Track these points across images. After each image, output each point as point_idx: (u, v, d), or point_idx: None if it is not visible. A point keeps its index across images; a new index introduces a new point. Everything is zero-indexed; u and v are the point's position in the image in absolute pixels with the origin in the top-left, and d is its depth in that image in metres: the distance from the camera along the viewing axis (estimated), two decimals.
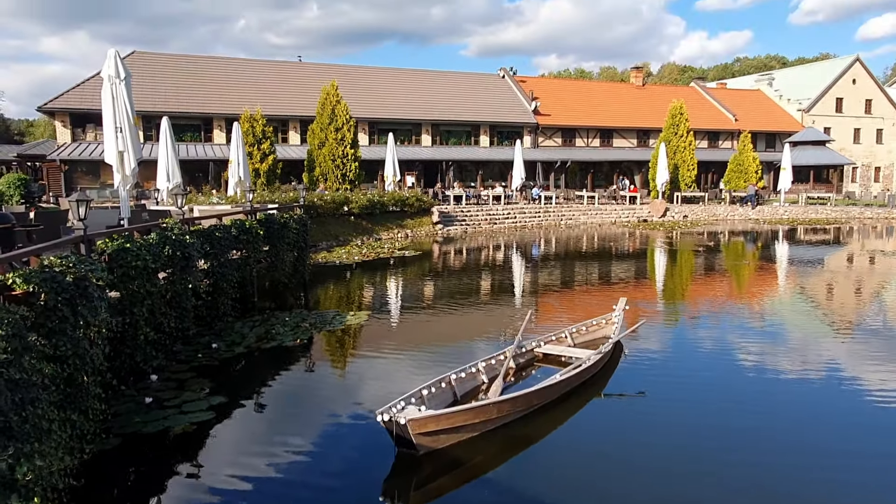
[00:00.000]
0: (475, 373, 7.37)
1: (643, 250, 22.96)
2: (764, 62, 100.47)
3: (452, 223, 28.97)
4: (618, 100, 46.04)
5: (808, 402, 7.45)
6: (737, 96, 51.35)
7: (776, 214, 36.33)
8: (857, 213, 37.56)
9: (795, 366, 8.70)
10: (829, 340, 10.25)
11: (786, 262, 20.21)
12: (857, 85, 51.33)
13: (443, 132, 38.85)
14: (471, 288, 15.30)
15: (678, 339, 10.35)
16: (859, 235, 28.83)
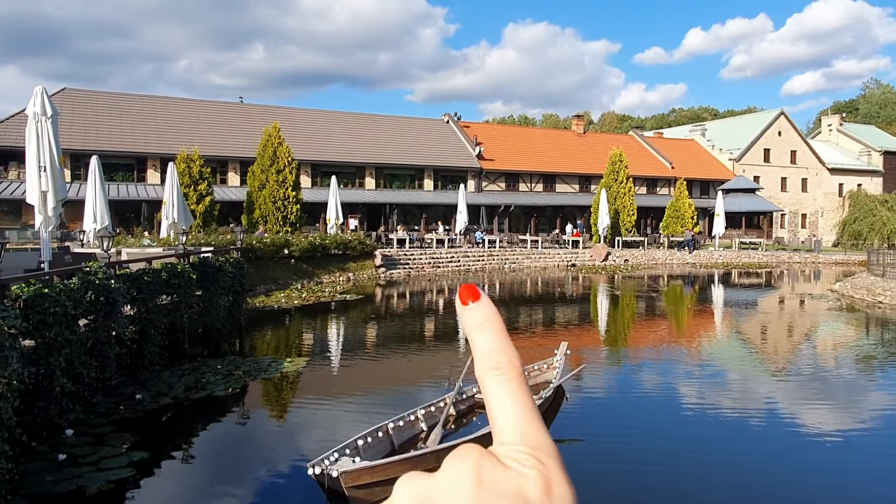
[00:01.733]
0: (414, 421, 7.30)
1: (586, 294, 23.50)
2: (697, 113, 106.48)
3: (395, 267, 28.95)
4: (560, 146, 47.67)
5: (748, 445, 7.68)
6: (673, 145, 54.05)
7: (711, 259, 37.96)
8: (787, 258, 39.67)
9: (734, 408, 9.00)
10: (765, 382, 10.67)
11: (722, 305, 21.06)
12: (783, 137, 54.95)
13: (387, 175, 39.15)
14: (413, 332, 15.23)
15: (620, 382, 10.57)
16: (789, 279, 30.40)
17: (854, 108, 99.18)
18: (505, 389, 0.48)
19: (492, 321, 0.51)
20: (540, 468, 0.44)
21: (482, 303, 0.52)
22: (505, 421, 0.47)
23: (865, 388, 10.56)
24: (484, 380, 0.49)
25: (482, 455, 0.44)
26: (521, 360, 0.50)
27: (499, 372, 0.49)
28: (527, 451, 0.45)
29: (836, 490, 6.37)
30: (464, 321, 0.52)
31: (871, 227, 46.65)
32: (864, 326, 17.15)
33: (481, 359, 0.50)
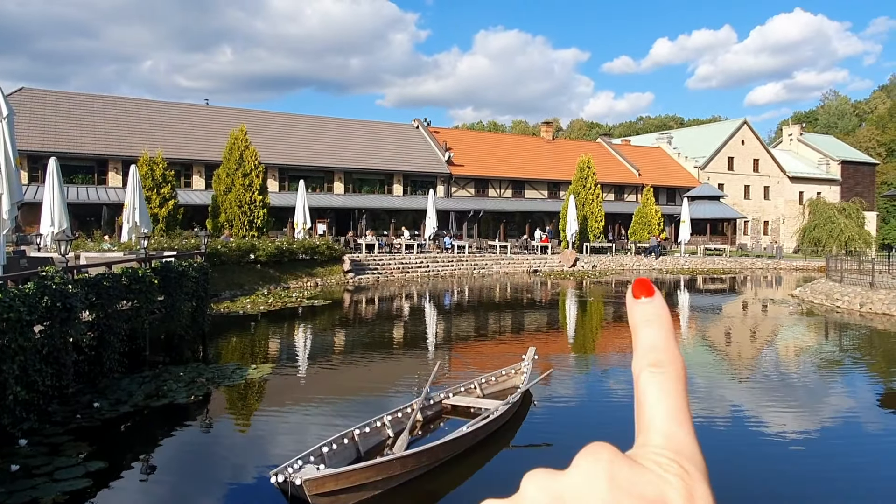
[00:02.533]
0: (380, 427, 7.26)
1: (554, 300, 23.71)
2: (664, 122, 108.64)
3: (364, 272, 28.81)
4: (529, 152, 48.10)
5: (715, 447, 7.83)
6: (640, 153, 55.00)
7: (677, 264, 38.69)
8: (750, 264, 40.66)
9: (701, 411, 9.16)
10: (729, 386, 10.90)
11: (688, 309, 21.46)
12: (746, 145, 56.39)
13: (356, 180, 38.99)
14: (381, 338, 15.17)
15: (587, 387, 10.68)
16: (752, 284, 31.16)
17: (814, 118, 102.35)
18: (661, 388, 0.46)
19: (661, 318, 0.49)
20: (683, 476, 0.41)
21: (655, 299, 0.50)
22: (652, 421, 0.45)
23: (825, 390, 10.87)
24: (640, 375, 0.47)
25: (615, 454, 0.42)
26: (684, 364, 0.47)
27: (659, 370, 0.46)
28: (670, 456, 0.43)
29: (795, 489, 6.54)
30: (632, 315, 0.50)
31: (830, 234, 48.11)
32: (824, 330, 17.67)
33: (642, 354, 0.47)
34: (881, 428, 8.79)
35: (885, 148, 79.76)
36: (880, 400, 10.30)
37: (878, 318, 18.57)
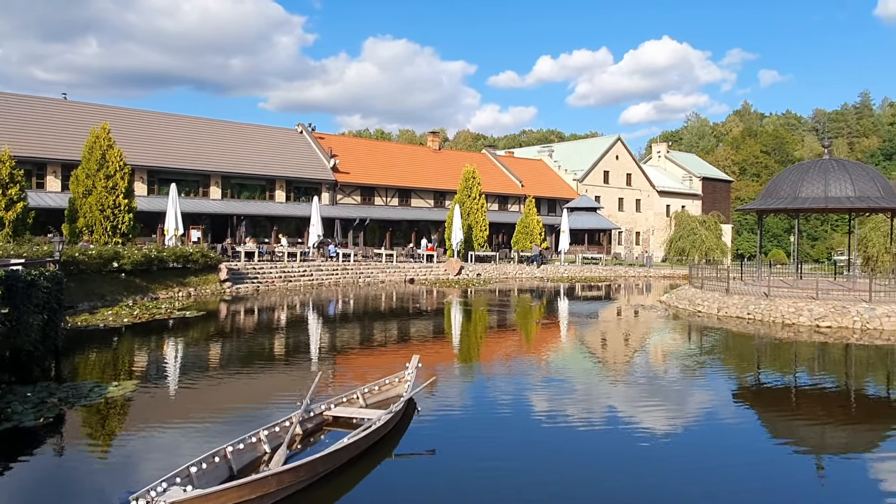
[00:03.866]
0: (256, 443, 6.95)
1: (440, 308, 23.98)
2: (545, 135, 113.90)
3: (243, 281, 27.64)
4: (415, 161, 48.53)
5: (594, 446, 8.21)
6: (523, 164, 57.21)
7: (558, 273, 40.53)
8: (623, 272, 43.42)
9: (581, 414, 9.56)
10: (605, 388, 11.50)
11: (567, 316, 22.50)
12: (620, 161, 60.34)
13: (234, 185, 37.41)
14: (260, 350, 14.59)
15: (472, 394, 10.85)
16: (625, 291, 33.27)
17: (679, 137, 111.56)
18: None
19: None
20: None
21: None
22: None
23: (689, 388, 11.78)
24: None
25: None
26: None
27: None
28: None
29: (670, 486, 7.00)
30: None
31: (693, 245, 52.47)
32: (687, 334, 19.19)
33: None
34: (736, 420, 9.64)
35: (738, 167, 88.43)
36: (735, 395, 11.32)
37: (732, 321, 20.46)
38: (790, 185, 24.22)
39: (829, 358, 15.44)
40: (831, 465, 7.77)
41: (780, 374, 13.42)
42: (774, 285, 22.91)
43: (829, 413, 10.15)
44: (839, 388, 12.24)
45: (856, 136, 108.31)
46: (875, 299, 20.03)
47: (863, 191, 22.83)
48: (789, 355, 15.63)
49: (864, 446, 8.62)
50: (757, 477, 7.18)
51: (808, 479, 7.29)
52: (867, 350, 16.15)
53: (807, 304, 20.04)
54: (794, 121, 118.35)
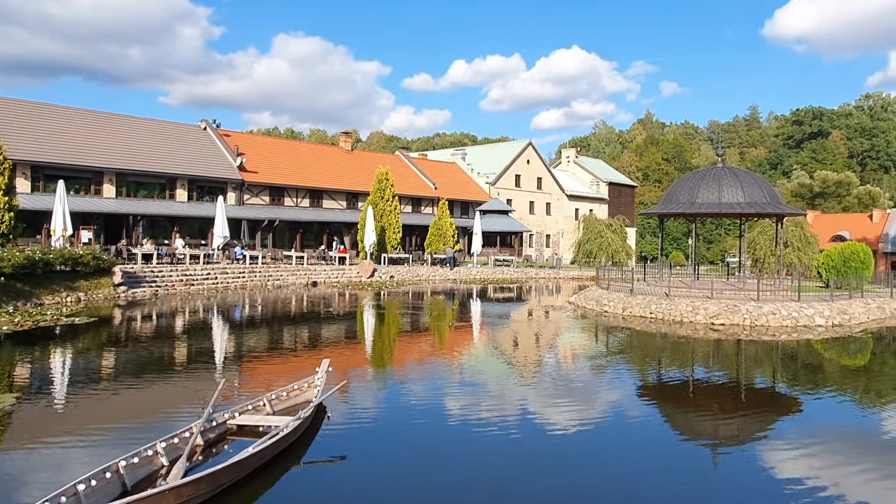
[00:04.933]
0: (152, 455, 6.56)
1: (352, 311, 23.69)
2: (459, 139, 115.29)
3: (140, 285, 26.16)
4: (327, 162, 47.76)
5: (508, 453, 8.31)
6: (436, 167, 57.60)
7: (471, 275, 41.06)
8: (534, 274, 44.59)
9: (494, 415, 9.68)
10: (517, 388, 11.72)
11: (480, 318, 22.81)
12: (531, 165, 61.97)
13: (131, 183, 35.37)
14: (159, 358, 13.83)
15: (384, 398, 10.75)
16: (536, 293, 34.16)
17: (587, 143, 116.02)
18: None
19: None
20: None
21: None
22: None
23: (596, 386, 12.22)
24: None
25: None
26: None
27: None
28: None
29: (580, 487, 7.20)
30: None
31: (600, 247, 54.65)
32: (594, 333, 19.94)
33: None
34: (640, 416, 10.10)
35: (641, 172, 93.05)
36: (639, 392, 11.86)
37: (636, 320, 21.46)
38: (688, 191, 25.71)
39: (723, 353, 16.49)
40: (725, 455, 8.29)
41: (680, 371, 14.19)
42: (674, 286, 24.25)
43: (722, 406, 10.82)
44: (731, 381, 13.09)
45: (746, 146, 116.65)
46: (762, 298, 21.62)
47: (752, 197, 24.59)
48: (688, 352, 16.56)
49: (753, 435, 9.24)
50: (659, 470, 7.55)
51: (705, 470, 7.73)
52: (755, 345, 17.38)
53: (703, 304, 21.33)
54: (692, 130, 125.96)
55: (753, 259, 45.97)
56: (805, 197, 79.04)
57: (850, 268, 26.58)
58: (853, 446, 8.63)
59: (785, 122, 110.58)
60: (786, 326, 19.80)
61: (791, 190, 79.68)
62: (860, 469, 7.68)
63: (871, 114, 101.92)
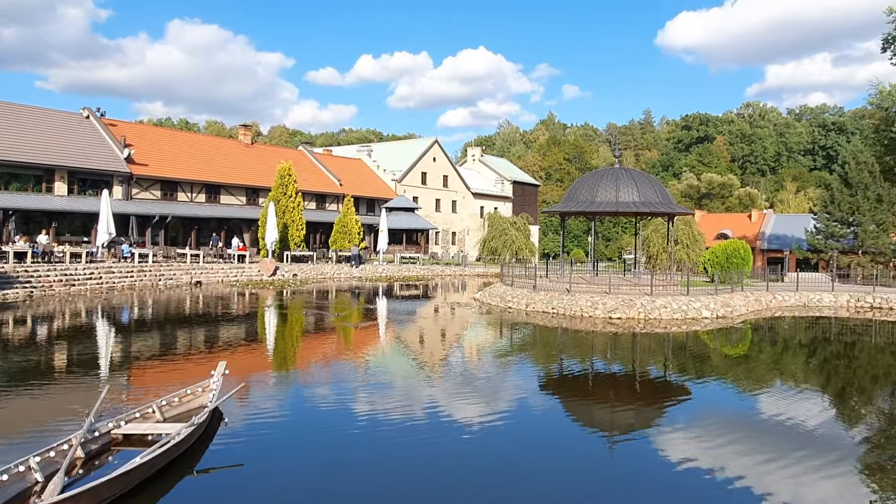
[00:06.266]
0: (24, 471, 6.03)
1: (252, 311, 22.90)
2: (365, 135, 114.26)
3: (12, 285, 24.03)
4: (225, 156, 45.89)
5: (415, 453, 8.27)
6: (341, 163, 56.76)
7: (376, 273, 40.82)
8: (440, 271, 44.95)
9: (400, 416, 9.61)
10: (424, 386, 11.73)
11: (386, 316, 22.69)
12: (437, 163, 62.37)
13: (2, 175, 32.42)
14: (33, 366, 12.74)
15: (285, 401, 10.44)
16: (442, 290, 34.44)
17: (492, 142, 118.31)
18: None
19: None
20: None
21: None
22: None
23: (501, 380, 12.46)
24: None
25: None
26: None
27: None
28: None
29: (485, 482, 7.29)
30: None
31: (504, 245, 55.87)
32: (499, 329, 20.35)
33: None
34: (544, 407, 10.40)
35: (544, 172, 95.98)
36: (541, 385, 12.21)
37: (539, 315, 22.11)
38: (588, 191, 26.79)
39: (620, 346, 17.30)
40: (622, 442, 8.69)
41: (580, 363, 14.75)
42: (575, 282, 25.20)
43: (619, 396, 11.34)
44: (627, 373, 13.76)
45: (641, 148, 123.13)
46: (655, 293, 22.90)
47: (646, 197, 25.97)
48: (587, 346, 17.25)
49: (647, 423, 9.75)
50: (562, 461, 7.80)
51: (602, 458, 8.07)
52: (649, 337, 18.37)
53: (601, 299, 22.29)
54: (592, 132, 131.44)
55: (647, 256, 48.57)
56: (693, 197, 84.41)
57: (733, 264, 28.66)
58: (736, 428, 9.29)
59: (675, 126, 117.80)
60: (676, 319, 21.05)
61: (681, 191, 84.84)
62: (743, 448, 8.27)
63: (751, 121, 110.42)
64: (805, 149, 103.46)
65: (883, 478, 7.59)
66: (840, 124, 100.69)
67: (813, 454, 8.13)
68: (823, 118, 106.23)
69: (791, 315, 24.49)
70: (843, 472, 7.59)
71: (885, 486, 7.30)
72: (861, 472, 7.69)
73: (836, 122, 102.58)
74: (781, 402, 11.09)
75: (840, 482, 7.29)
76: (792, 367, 15.30)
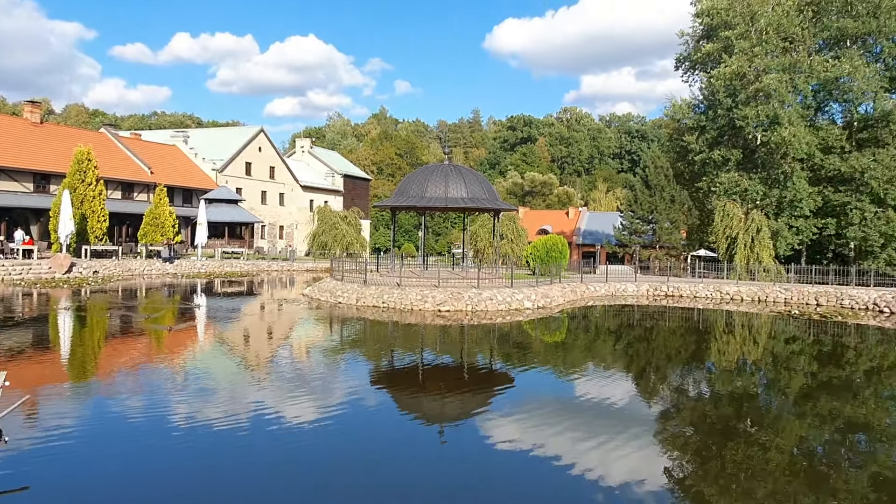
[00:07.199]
0: None
1: (42, 314, 20.34)
2: (181, 120, 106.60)
3: None
4: (7, 135, 40.26)
5: (237, 458, 7.80)
6: (153, 149, 52.38)
7: (195, 268, 38.26)
8: (266, 267, 43.30)
9: (221, 424, 8.97)
10: (251, 387, 11.14)
11: (206, 315, 21.32)
12: (263, 153, 59.94)
13: None
14: None
15: (80, 415, 9.37)
16: (269, 286, 33.17)
17: (322, 134, 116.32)
18: None
19: None
20: None
21: None
22: None
23: (333, 377, 12.25)
24: None
25: None
26: None
27: None
28: None
29: (318, 482, 7.08)
30: None
31: (335, 239, 55.18)
32: (329, 324, 20.04)
33: None
34: (376, 401, 10.39)
35: (376, 166, 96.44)
36: (372, 380, 12.21)
37: (370, 310, 22.13)
38: (418, 186, 27.31)
39: (449, 338, 17.87)
40: (451, 431, 8.96)
41: (411, 357, 14.99)
42: (405, 276, 25.60)
43: (448, 387, 11.69)
44: (456, 363, 14.24)
45: (469, 146, 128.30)
46: (482, 285, 23.99)
47: (474, 193, 27.07)
48: (417, 339, 17.59)
49: (474, 410, 10.15)
50: (395, 452, 7.84)
51: (431, 447, 8.25)
52: (476, 329, 19.19)
53: (431, 292, 22.86)
54: (423, 128, 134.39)
55: (475, 250, 50.71)
56: (518, 194, 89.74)
57: (552, 257, 30.86)
58: (554, 410, 10.00)
59: (502, 126, 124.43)
60: (501, 310, 22.21)
61: (506, 188, 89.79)
62: (560, 429, 8.92)
63: (569, 125, 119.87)
64: (614, 153, 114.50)
65: (677, 446, 8.60)
66: (643, 132, 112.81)
67: (620, 430, 8.98)
68: (629, 126, 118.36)
69: (602, 304, 26.95)
70: (645, 444, 8.48)
71: (681, 454, 8.28)
72: (660, 442, 8.65)
73: (639, 129, 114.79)
74: (593, 384, 12.15)
75: (643, 453, 8.14)
76: (602, 351, 16.83)
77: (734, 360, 15.98)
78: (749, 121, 37.59)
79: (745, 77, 37.64)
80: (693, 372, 14.38)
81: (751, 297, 29.02)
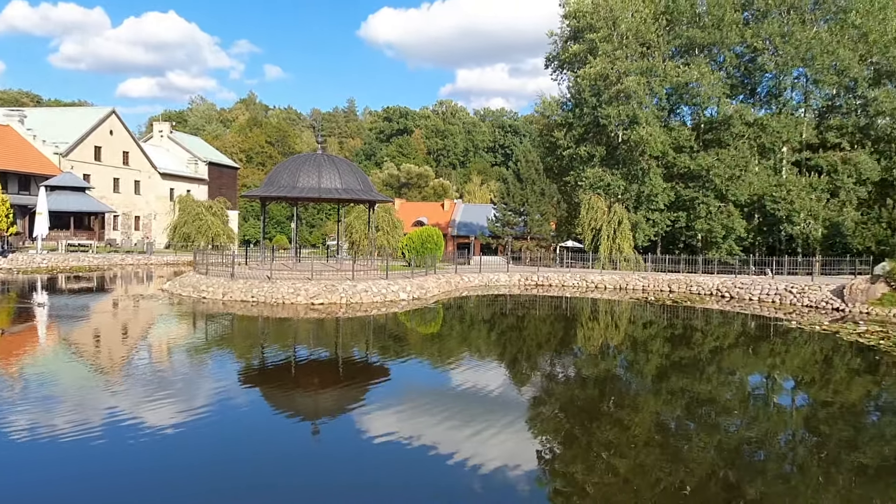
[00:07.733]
0: None
1: None
2: (16, 97, 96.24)
3: None
4: None
5: (92, 457, 7.17)
6: None
7: (33, 263, 34.80)
8: (120, 260, 40.23)
9: (74, 429, 8.18)
10: (103, 394, 10.27)
11: (48, 315, 19.42)
12: (115, 136, 55.52)
13: None
14: None
15: None
16: (122, 281, 30.85)
17: (184, 119, 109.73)
18: None
19: None
20: None
21: None
22: None
23: (198, 380, 11.60)
24: None
25: None
26: None
27: None
28: None
29: (182, 484, 6.66)
30: None
31: (199, 231, 52.32)
32: (192, 321, 18.98)
33: None
34: (246, 400, 9.96)
35: (245, 154, 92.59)
36: (241, 378, 11.72)
37: (237, 304, 21.21)
38: (289, 175, 26.52)
39: (323, 331, 17.54)
40: (326, 426, 8.80)
41: (282, 352, 14.55)
42: (276, 269, 24.80)
43: (322, 381, 11.49)
44: (330, 357, 14.02)
45: (344, 136, 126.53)
46: (357, 277, 23.77)
47: (349, 184, 26.72)
48: (290, 333, 17.12)
49: (350, 404, 10.04)
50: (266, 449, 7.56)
51: (305, 443, 8.06)
52: (351, 321, 18.99)
53: (304, 285, 22.31)
54: (295, 116, 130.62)
55: (350, 242, 50.17)
56: (394, 186, 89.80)
57: (427, 249, 31.18)
58: (431, 400, 10.11)
59: (378, 117, 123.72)
60: (376, 302, 22.13)
61: (382, 179, 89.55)
62: (438, 418, 9.04)
63: (444, 118, 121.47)
64: (488, 146, 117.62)
65: (548, 429, 9.00)
66: (515, 127, 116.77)
67: (495, 417, 9.24)
68: (503, 120, 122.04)
69: (476, 294, 27.64)
70: (519, 429, 8.81)
71: (552, 436, 8.68)
72: (532, 426, 9.02)
73: (512, 124, 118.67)
74: (469, 373, 12.43)
75: (517, 438, 8.44)
76: (477, 340, 17.26)
77: (598, 345, 16.99)
78: (611, 119, 40.01)
79: (608, 78, 39.98)
80: (562, 357, 15.13)
81: (613, 285, 30.99)
